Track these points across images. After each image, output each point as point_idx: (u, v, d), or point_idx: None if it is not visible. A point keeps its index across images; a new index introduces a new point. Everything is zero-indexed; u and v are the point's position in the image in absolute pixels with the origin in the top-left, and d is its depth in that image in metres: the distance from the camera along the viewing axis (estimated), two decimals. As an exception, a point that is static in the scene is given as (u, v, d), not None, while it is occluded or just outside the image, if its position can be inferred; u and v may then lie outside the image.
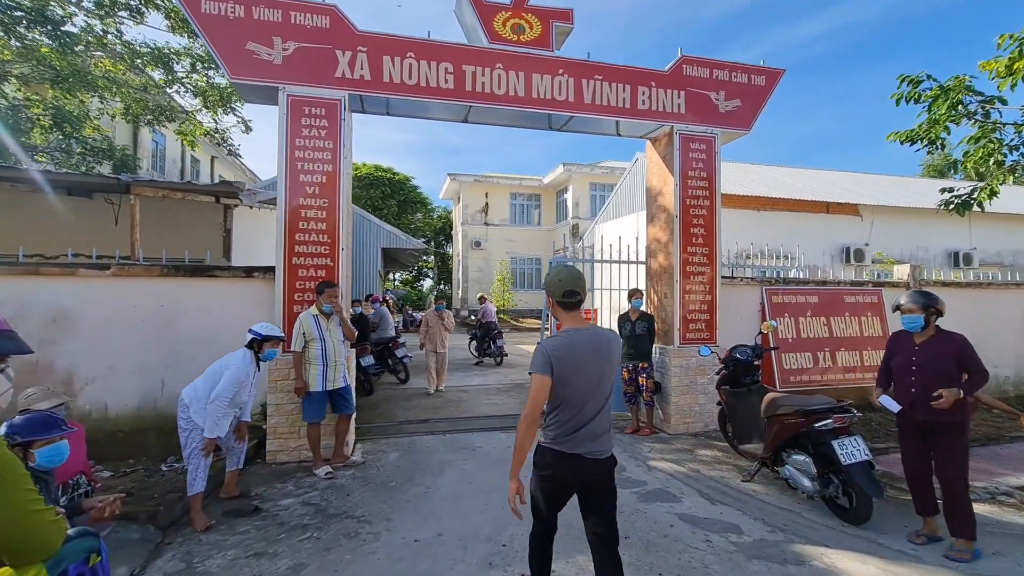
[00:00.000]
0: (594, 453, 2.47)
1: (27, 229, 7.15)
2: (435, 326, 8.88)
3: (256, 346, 4.09)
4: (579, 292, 2.44)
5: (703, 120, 6.40)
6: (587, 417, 2.41)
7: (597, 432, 2.45)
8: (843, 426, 3.79)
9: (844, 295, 7.36)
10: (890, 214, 16.21)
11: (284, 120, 5.14)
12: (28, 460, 2.72)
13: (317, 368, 4.82)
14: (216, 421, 3.77)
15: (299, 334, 4.78)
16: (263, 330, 4.13)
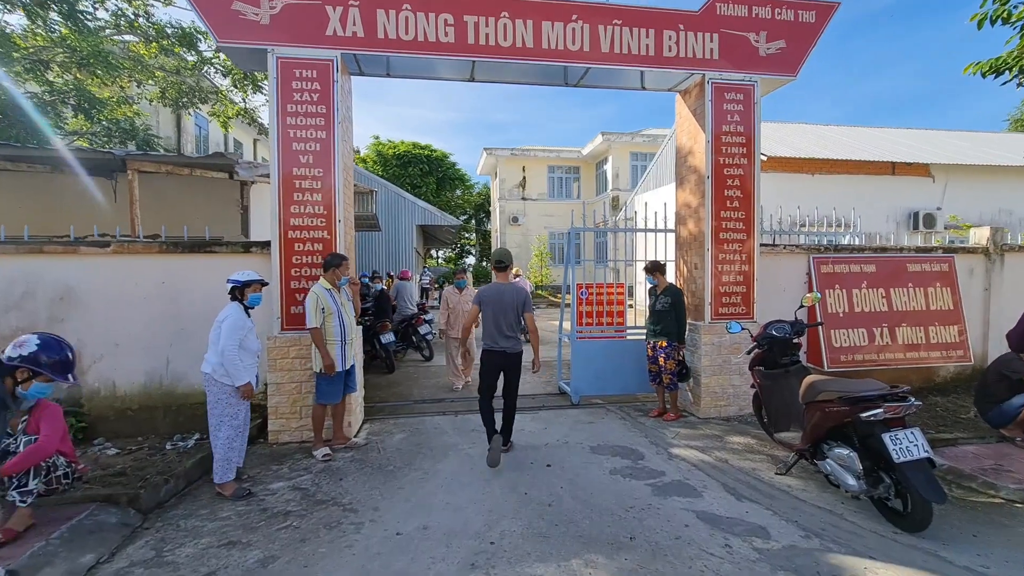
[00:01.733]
0: (506, 348, 4.48)
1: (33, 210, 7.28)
2: (456, 306, 7.23)
3: (239, 295, 4.00)
4: (503, 261, 4.61)
5: (740, 66, 5.62)
6: (499, 329, 4.44)
7: (506, 336, 4.46)
8: (896, 417, 3.18)
9: (907, 263, 6.46)
10: (967, 174, 14.46)
11: (274, 85, 4.85)
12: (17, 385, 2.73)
13: (335, 346, 4.59)
14: (237, 369, 3.79)
15: (316, 309, 4.49)
16: (241, 276, 4.04)
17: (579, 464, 4.36)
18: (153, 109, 15.69)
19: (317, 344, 4.48)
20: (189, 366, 5.09)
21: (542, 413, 5.91)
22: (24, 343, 2.73)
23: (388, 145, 33.42)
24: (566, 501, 3.68)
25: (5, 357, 2.63)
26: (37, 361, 2.72)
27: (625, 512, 3.51)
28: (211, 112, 14.15)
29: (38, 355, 2.75)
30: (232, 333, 3.80)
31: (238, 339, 3.83)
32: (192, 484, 3.99)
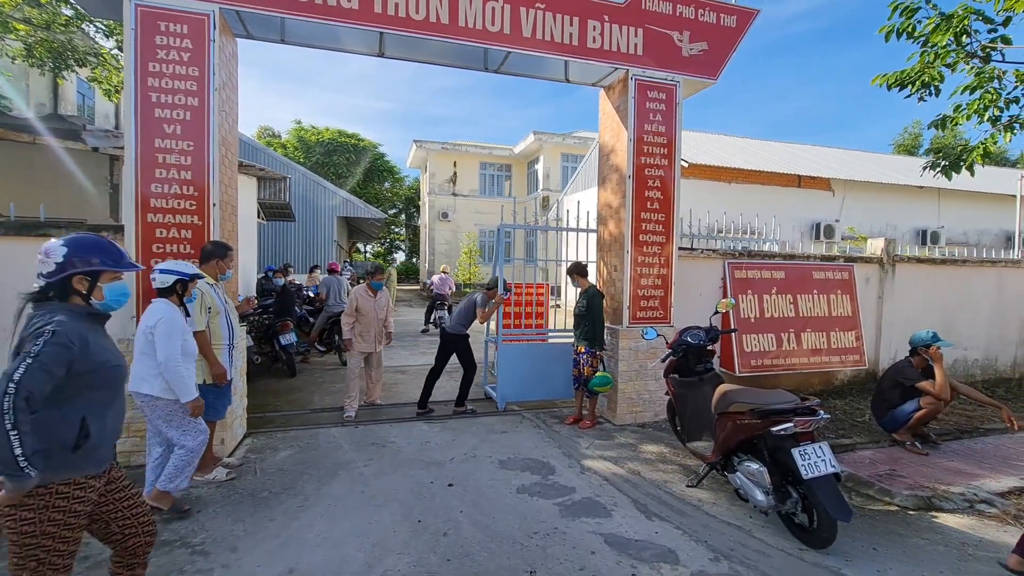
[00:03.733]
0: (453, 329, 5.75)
1: None
2: (370, 312, 5.71)
3: (181, 288, 3.39)
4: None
5: (664, 64, 5.49)
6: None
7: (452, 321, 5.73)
8: (806, 431, 3.07)
9: (813, 271, 6.69)
10: (861, 190, 15.76)
11: (131, 38, 4.04)
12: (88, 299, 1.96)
13: (223, 351, 3.87)
14: (181, 380, 3.17)
15: (202, 308, 3.74)
16: (188, 269, 3.45)
17: (485, 482, 3.98)
18: (21, 71, 13.54)
19: (203, 350, 3.68)
20: (14, 374, 4.15)
21: (451, 422, 5.48)
22: (51, 251, 1.88)
23: (311, 131, 31.56)
24: (464, 528, 3.27)
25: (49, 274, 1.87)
26: (89, 262, 1.93)
27: (528, 539, 3.16)
28: (91, 78, 12.36)
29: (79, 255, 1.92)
30: (171, 338, 3.18)
31: (179, 344, 3.21)
32: (-5, 526, 3.16)
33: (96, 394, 1.91)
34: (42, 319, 1.80)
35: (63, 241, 1.92)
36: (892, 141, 38.57)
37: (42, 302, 1.89)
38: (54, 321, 1.79)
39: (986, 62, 4.20)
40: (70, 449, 1.82)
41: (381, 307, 5.87)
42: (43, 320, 1.80)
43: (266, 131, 35.89)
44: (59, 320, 1.80)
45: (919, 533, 3.37)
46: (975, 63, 4.18)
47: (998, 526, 3.48)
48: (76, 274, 1.91)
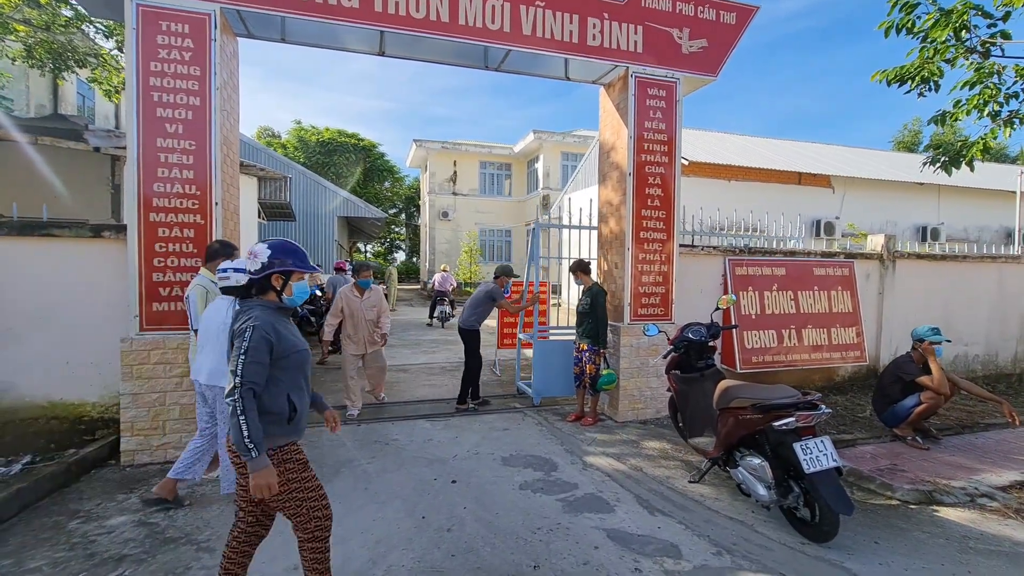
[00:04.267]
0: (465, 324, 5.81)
1: None
2: (357, 312, 5.52)
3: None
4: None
5: (663, 61, 5.50)
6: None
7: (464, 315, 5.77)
8: (808, 425, 3.08)
9: (813, 267, 6.70)
10: (861, 187, 15.76)
11: (133, 37, 4.05)
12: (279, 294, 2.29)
13: None
14: None
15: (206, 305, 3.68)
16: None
17: (488, 479, 3.99)
18: (22, 72, 13.55)
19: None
20: (16, 374, 4.19)
21: (454, 420, 5.49)
22: (257, 253, 2.22)
23: (311, 131, 31.56)
24: (468, 525, 3.29)
25: (255, 271, 2.21)
26: (285, 263, 2.24)
27: (531, 535, 3.18)
28: (91, 78, 12.36)
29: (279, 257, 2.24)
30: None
31: None
32: (2, 524, 3.18)
33: (292, 375, 2.20)
34: (245, 315, 2.14)
35: (267, 244, 2.24)
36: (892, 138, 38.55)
37: (246, 298, 2.26)
38: (252, 317, 2.11)
39: (986, 57, 4.20)
40: (286, 421, 2.16)
41: (371, 307, 5.62)
42: (245, 316, 2.13)
43: (266, 131, 35.89)
44: (256, 315, 2.12)
45: (920, 527, 3.38)
46: (975, 58, 4.19)
47: (999, 520, 3.49)
48: (275, 272, 2.23)
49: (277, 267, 2.21)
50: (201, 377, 3.42)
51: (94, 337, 4.30)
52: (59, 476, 3.73)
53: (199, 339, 3.49)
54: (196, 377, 3.48)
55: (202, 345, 3.44)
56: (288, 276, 2.28)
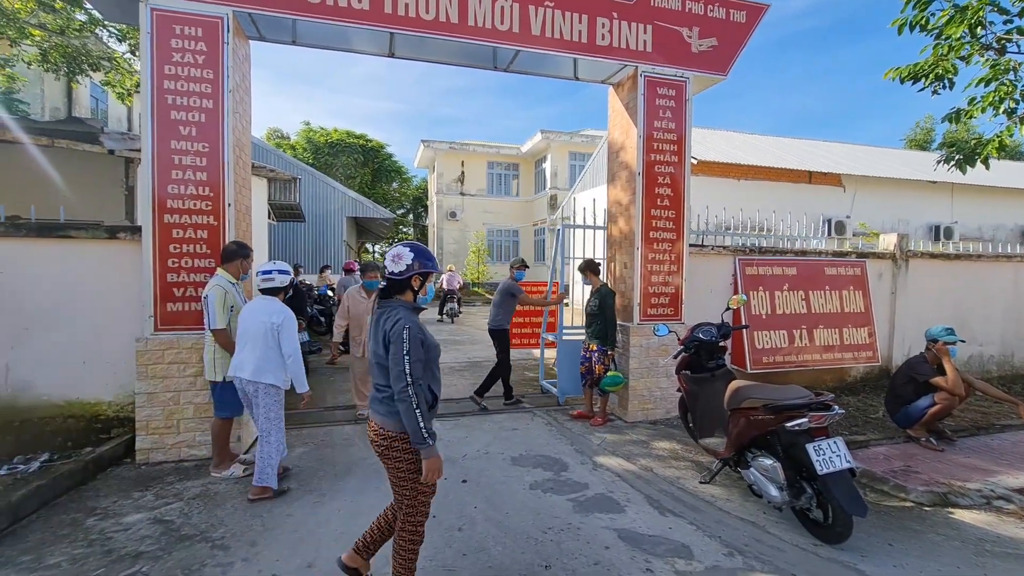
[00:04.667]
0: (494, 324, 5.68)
1: None
2: (361, 315, 5.40)
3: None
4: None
5: (673, 61, 5.48)
6: None
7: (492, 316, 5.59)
8: (820, 426, 3.06)
9: (824, 267, 6.65)
10: (872, 186, 15.60)
11: (148, 41, 4.10)
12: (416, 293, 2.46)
13: None
14: (303, 372, 3.67)
15: (224, 306, 3.81)
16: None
17: (498, 478, 4.00)
18: (37, 76, 13.76)
19: (225, 347, 3.83)
20: (35, 373, 4.25)
21: (464, 420, 5.51)
22: (401, 255, 2.38)
23: (320, 132, 31.73)
24: (479, 524, 3.30)
25: (398, 272, 2.37)
26: (425, 265, 2.43)
27: (542, 534, 3.18)
28: (105, 81, 12.53)
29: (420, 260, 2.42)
30: (295, 334, 3.65)
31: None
32: (21, 521, 3.24)
33: (432, 368, 2.39)
34: (392, 317, 2.30)
35: (409, 247, 2.39)
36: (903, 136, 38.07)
37: (386, 298, 2.42)
38: (402, 318, 2.27)
39: (1001, 54, 4.15)
40: (429, 409, 2.32)
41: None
42: (394, 318, 2.29)
43: (275, 132, 36.14)
44: (404, 316, 2.29)
45: (935, 529, 3.35)
46: (990, 55, 4.14)
47: (1016, 522, 3.45)
48: (415, 274, 2.38)
49: (418, 269, 2.37)
50: (244, 373, 3.56)
51: (110, 337, 4.36)
52: (76, 474, 3.79)
53: (239, 336, 3.65)
54: (238, 373, 3.60)
55: (243, 343, 3.60)
56: (426, 278, 2.44)
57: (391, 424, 2.29)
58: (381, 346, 2.29)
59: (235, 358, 3.66)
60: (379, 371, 2.34)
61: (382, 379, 2.32)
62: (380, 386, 2.35)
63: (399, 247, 2.40)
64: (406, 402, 2.18)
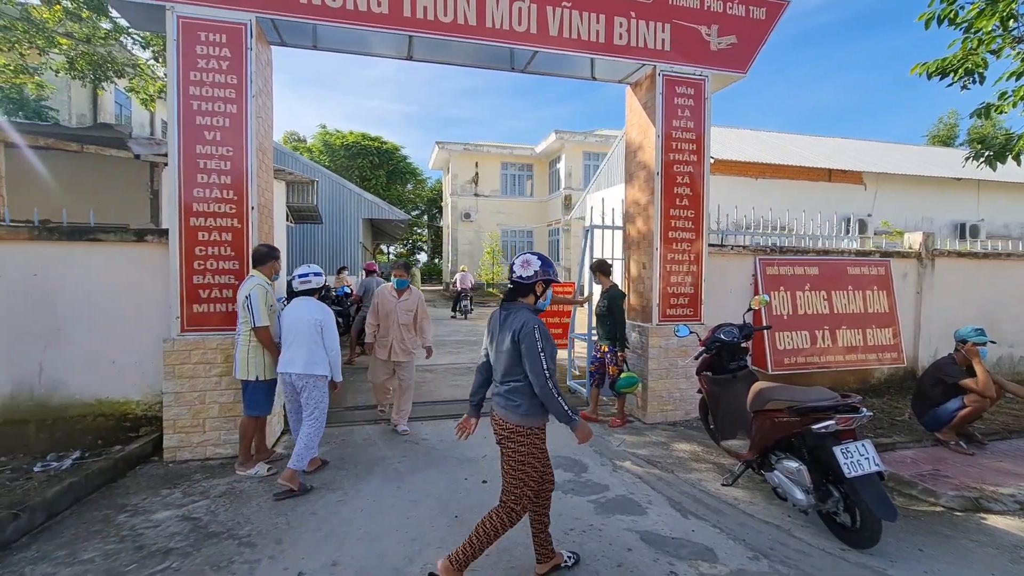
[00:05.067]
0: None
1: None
2: (391, 313, 5.00)
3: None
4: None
5: (692, 59, 5.44)
6: None
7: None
8: (848, 428, 3.01)
9: (847, 266, 6.53)
10: (894, 184, 15.28)
11: (174, 49, 4.19)
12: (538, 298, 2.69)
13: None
14: (340, 363, 4.01)
15: (266, 305, 3.92)
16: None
17: (518, 479, 4.00)
18: (64, 83, 14.14)
19: (267, 346, 3.93)
20: (67, 373, 4.37)
21: (484, 420, 5.50)
22: (530, 262, 2.63)
23: (336, 135, 32.09)
24: (501, 524, 3.30)
25: (526, 277, 2.60)
26: (548, 273, 2.65)
27: (564, 536, 3.18)
28: (129, 88, 12.82)
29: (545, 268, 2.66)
30: (335, 329, 3.98)
31: None
32: (55, 517, 3.33)
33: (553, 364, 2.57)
34: (521, 318, 2.52)
35: (537, 256, 2.64)
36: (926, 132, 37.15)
37: (509, 300, 2.66)
38: (530, 320, 2.51)
39: (1033, 47, 4.04)
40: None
41: (406, 311, 5.03)
42: (522, 319, 2.52)
43: (292, 136, 36.63)
44: (531, 318, 2.52)
45: (967, 535, 3.27)
46: (1022, 48, 4.03)
47: (1052, 528, 3.35)
48: (540, 281, 2.61)
49: (542, 276, 2.61)
50: (296, 368, 3.80)
51: (138, 337, 4.47)
52: (107, 471, 3.88)
53: (284, 335, 3.91)
54: (289, 369, 3.83)
55: (290, 341, 3.85)
56: (548, 285, 2.68)
57: (513, 417, 2.54)
58: (509, 342, 2.51)
59: (284, 356, 3.87)
60: (505, 364, 2.56)
61: (507, 371, 2.56)
62: (504, 379, 2.59)
63: (527, 255, 2.65)
64: (547, 391, 2.43)
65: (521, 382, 2.53)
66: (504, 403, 2.58)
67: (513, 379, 2.54)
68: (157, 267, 4.42)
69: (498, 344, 2.60)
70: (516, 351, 2.49)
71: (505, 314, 2.63)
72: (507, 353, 2.52)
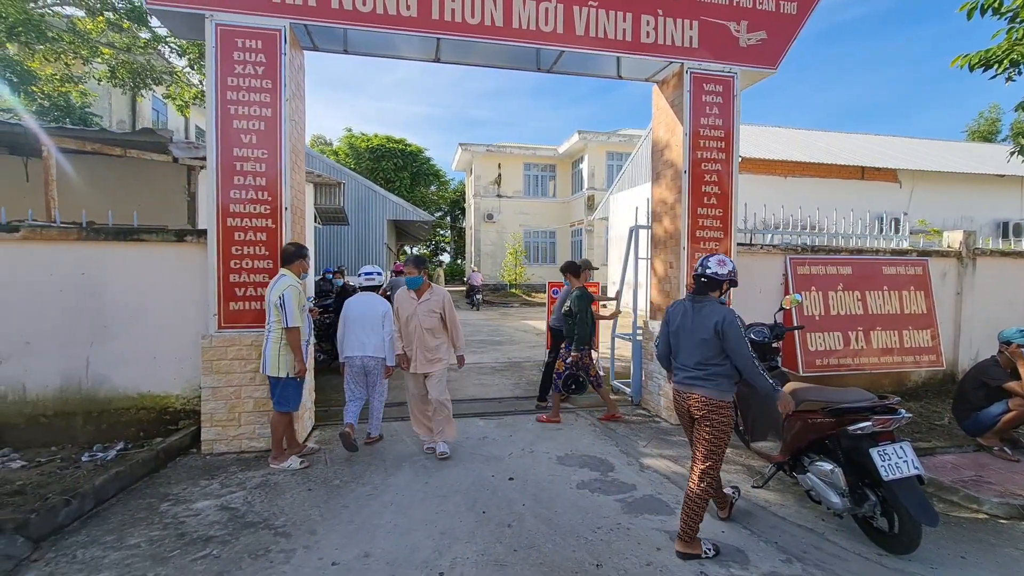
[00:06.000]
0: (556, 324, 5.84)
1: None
2: (412, 318, 4.35)
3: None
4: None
5: (720, 56, 5.37)
6: None
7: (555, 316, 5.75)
8: (886, 430, 2.93)
9: (883, 266, 6.35)
10: (931, 181, 14.76)
11: (213, 55, 4.35)
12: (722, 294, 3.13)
13: (303, 347, 4.20)
14: (395, 348, 4.49)
15: (300, 306, 4.06)
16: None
17: (544, 477, 4.02)
18: (105, 91, 14.73)
19: (295, 346, 4.05)
20: (113, 368, 4.56)
21: (508, 419, 5.56)
22: (725, 262, 3.02)
23: (361, 138, 32.59)
24: (528, 521, 3.33)
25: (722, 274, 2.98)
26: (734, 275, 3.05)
27: (592, 533, 3.18)
28: (166, 95, 13.31)
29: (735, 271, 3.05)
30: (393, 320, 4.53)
31: None
32: (103, 503, 3.48)
33: None
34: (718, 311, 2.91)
35: (729, 259, 3.03)
36: (964, 128, 35.77)
37: (700, 294, 3.03)
38: (730, 313, 2.90)
39: (1085, 36, 3.87)
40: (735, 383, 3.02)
41: (428, 312, 4.34)
42: (719, 311, 2.91)
43: (319, 139, 37.36)
44: (726, 309, 2.93)
45: (1013, 543, 3.15)
46: (1072, 37, 3.86)
47: (1106, 539, 3.20)
48: (727, 281, 3.01)
49: (732, 276, 3.02)
50: (368, 351, 4.44)
51: (177, 334, 4.63)
52: (149, 462, 4.04)
53: (351, 324, 4.48)
54: (360, 352, 4.44)
55: (357, 329, 4.46)
56: (732, 285, 3.08)
57: (716, 395, 2.90)
58: (710, 331, 2.86)
59: (354, 340, 4.47)
60: (704, 351, 2.91)
61: (704, 356, 2.92)
62: (700, 363, 2.94)
63: (722, 255, 3.08)
64: (754, 370, 2.81)
65: (722, 365, 2.89)
66: (706, 383, 2.91)
67: (714, 363, 2.90)
68: (195, 266, 4.58)
69: (690, 333, 2.98)
70: (718, 340, 2.85)
71: (698, 306, 2.99)
72: (709, 342, 2.89)
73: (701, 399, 2.93)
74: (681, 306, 3.13)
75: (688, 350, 3.00)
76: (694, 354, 2.97)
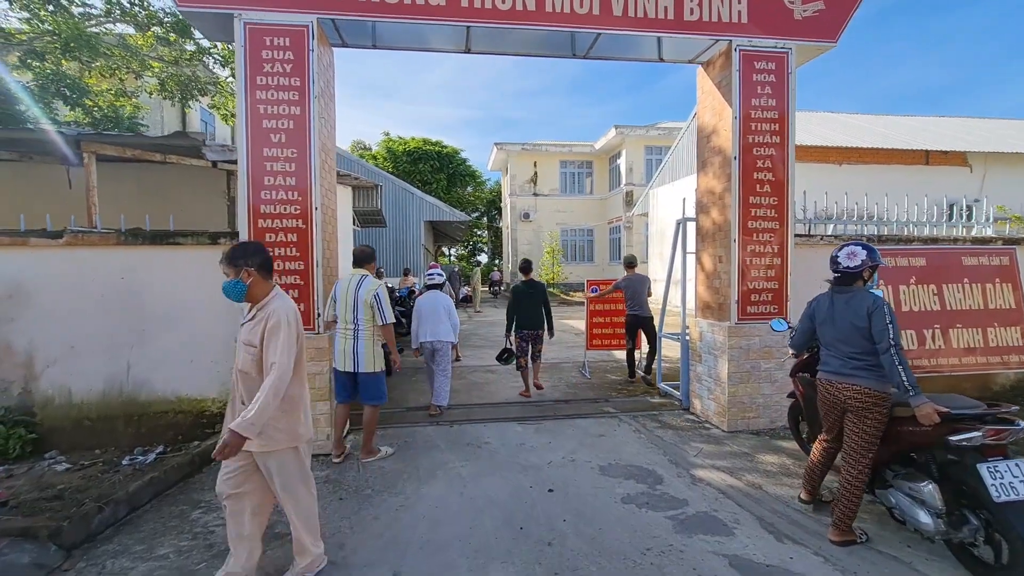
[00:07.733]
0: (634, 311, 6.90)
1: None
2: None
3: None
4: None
5: (772, 31, 4.93)
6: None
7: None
8: (999, 444, 2.49)
9: (962, 256, 5.70)
10: (1008, 164, 13.50)
11: (242, 54, 4.29)
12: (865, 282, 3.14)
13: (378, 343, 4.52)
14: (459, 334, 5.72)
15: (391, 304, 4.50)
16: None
17: (587, 489, 3.74)
18: (156, 104, 15.38)
19: (391, 341, 4.31)
20: (152, 371, 4.59)
21: (547, 424, 5.29)
22: (856, 253, 3.00)
23: (398, 141, 33.02)
24: (570, 539, 3.06)
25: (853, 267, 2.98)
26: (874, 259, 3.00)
27: (641, 556, 2.88)
28: (211, 104, 13.75)
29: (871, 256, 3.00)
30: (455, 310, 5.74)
31: None
32: (137, 510, 3.45)
33: None
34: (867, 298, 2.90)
35: (861, 246, 3.02)
36: (1042, 106, 32.79)
37: (843, 286, 3.05)
38: (879, 298, 2.88)
39: None
40: None
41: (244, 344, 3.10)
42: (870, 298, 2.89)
43: (359, 144, 38.13)
44: (879, 297, 2.89)
45: None
46: None
47: None
48: (867, 267, 2.97)
49: (869, 263, 2.97)
50: (438, 336, 5.48)
51: (213, 337, 4.62)
52: (184, 467, 4.01)
53: (423, 316, 5.52)
54: (431, 338, 5.48)
55: (427, 321, 5.51)
56: (874, 269, 3.06)
57: (877, 385, 2.84)
58: (864, 318, 2.84)
59: (423, 330, 5.51)
60: (857, 339, 2.90)
61: (862, 347, 2.89)
62: (859, 353, 2.90)
63: (852, 246, 3.02)
64: (896, 359, 2.68)
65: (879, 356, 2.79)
66: (864, 373, 2.87)
67: (873, 353, 2.83)
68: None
69: (842, 323, 2.96)
70: (869, 327, 2.81)
71: (846, 296, 3.00)
72: (865, 330, 2.84)
73: (862, 390, 2.86)
74: (826, 299, 3.15)
75: (842, 341, 2.97)
76: (849, 344, 2.94)
